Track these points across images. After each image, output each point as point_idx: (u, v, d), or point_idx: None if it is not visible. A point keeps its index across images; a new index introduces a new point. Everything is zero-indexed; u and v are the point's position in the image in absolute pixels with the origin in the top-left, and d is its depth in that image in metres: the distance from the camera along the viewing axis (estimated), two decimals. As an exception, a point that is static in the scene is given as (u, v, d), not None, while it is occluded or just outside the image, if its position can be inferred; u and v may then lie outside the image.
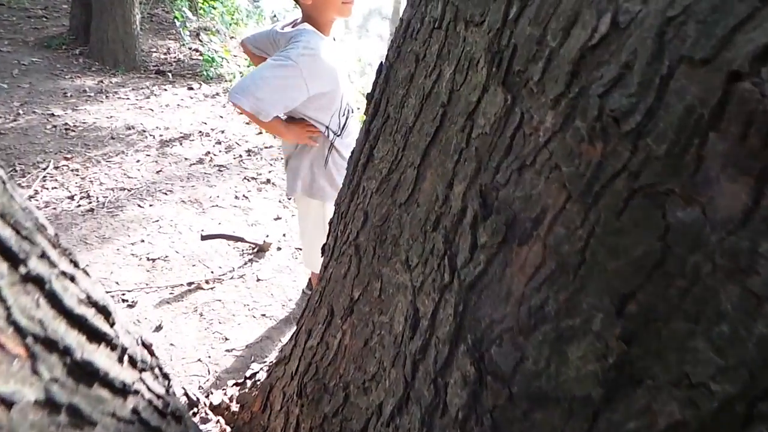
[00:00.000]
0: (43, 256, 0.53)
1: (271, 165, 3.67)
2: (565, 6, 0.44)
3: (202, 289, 2.48)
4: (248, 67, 5.54)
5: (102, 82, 4.93)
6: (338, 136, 1.75)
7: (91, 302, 0.59)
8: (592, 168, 0.41)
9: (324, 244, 0.85)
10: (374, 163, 0.68)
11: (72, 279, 0.57)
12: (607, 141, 0.40)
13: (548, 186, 0.44)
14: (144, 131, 3.99)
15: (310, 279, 2.47)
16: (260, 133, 4.14)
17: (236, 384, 1.50)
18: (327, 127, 1.70)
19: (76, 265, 0.61)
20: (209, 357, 2.14)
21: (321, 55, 1.49)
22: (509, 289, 0.48)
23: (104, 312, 0.62)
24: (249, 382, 1.38)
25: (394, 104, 0.66)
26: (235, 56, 5.87)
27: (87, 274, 0.64)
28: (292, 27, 1.62)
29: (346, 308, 0.70)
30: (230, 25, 7.05)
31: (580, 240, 0.42)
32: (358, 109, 2.04)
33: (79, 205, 3.06)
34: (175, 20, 6.17)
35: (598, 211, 0.41)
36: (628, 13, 0.39)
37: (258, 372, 1.40)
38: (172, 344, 2.18)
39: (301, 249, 2.83)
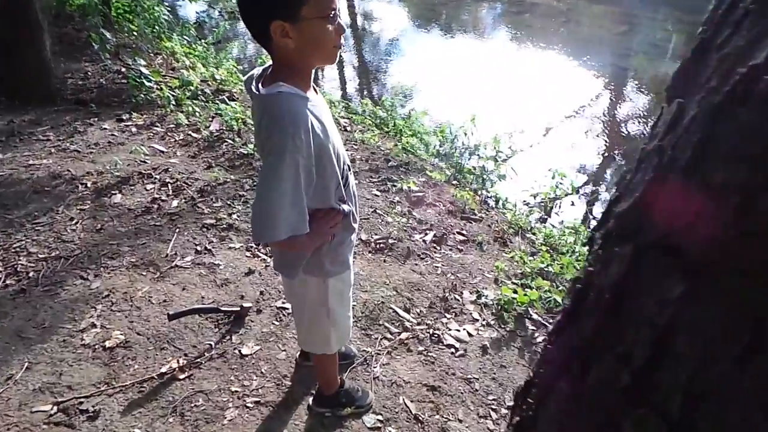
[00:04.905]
0: None
1: (229, 205, 3.26)
2: None
3: (177, 379, 2.10)
4: (180, 87, 5.00)
5: (13, 121, 4.27)
6: (345, 203, 1.48)
7: None
8: None
9: None
10: None
11: None
12: None
13: None
14: (74, 179, 3.45)
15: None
16: (210, 167, 3.70)
17: None
18: (337, 200, 1.44)
19: None
20: (202, 473, 1.77)
21: (308, 125, 1.24)
22: None
23: None
24: None
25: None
26: (164, 76, 5.31)
27: None
28: (263, 85, 1.29)
29: None
30: (153, 40, 6.43)
31: None
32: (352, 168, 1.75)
33: (6, 286, 2.55)
34: (92, 43, 5.51)
35: None
36: None
37: None
38: (153, 463, 1.79)
39: (285, 308, 2.48)
